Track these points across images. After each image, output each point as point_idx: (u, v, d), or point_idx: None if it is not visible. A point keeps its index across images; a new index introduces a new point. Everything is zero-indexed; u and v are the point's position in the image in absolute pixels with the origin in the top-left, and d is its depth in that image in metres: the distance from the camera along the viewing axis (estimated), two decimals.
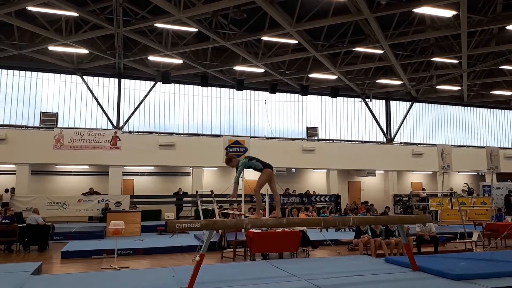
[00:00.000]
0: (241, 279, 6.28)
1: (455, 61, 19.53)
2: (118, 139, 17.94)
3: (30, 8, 13.82)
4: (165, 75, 19.12)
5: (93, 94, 19.24)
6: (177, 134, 20.25)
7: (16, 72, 18.51)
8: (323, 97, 22.65)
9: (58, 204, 16.92)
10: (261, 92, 21.83)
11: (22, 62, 18.26)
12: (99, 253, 10.33)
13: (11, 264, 8.61)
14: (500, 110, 26.83)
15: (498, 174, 21.09)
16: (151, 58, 18.30)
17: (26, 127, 18.40)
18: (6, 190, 16.45)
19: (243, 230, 10.16)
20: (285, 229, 9.39)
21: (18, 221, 12.17)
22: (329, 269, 6.96)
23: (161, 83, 19.70)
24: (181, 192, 19.28)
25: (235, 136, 19.51)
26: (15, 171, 17.51)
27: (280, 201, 6.52)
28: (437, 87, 22.77)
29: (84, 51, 17.47)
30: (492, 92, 23.97)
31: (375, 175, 23.33)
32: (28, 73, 18.69)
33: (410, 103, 24.38)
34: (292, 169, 22.03)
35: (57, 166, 18.98)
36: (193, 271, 5.70)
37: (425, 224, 10.39)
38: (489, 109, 26.53)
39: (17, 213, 13.84)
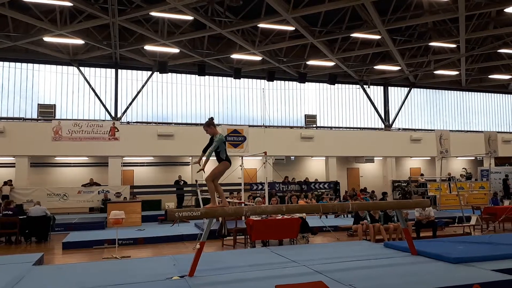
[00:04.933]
0: (242, 266, 6.34)
1: (453, 46, 19.45)
2: (116, 130, 17.90)
3: None
4: (162, 65, 19.03)
5: (90, 85, 19.16)
6: (175, 123, 20.21)
7: (12, 64, 18.39)
8: (321, 84, 22.58)
9: (58, 195, 17.00)
10: (258, 81, 21.75)
11: (18, 54, 18.15)
12: (100, 243, 10.39)
13: (13, 256, 8.66)
14: (498, 94, 26.79)
15: (496, 158, 21.16)
16: (148, 47, 18.16)
17: (24, 119, 18.34)
18: (5, 183, 16.49)
19: (243, 217, 10.24)
20: (285, 216, 9.45)
21: (19, 213, 12.22)
22: (329, 255, 7.03)
23: (158, 72, 19.60)
24: (181, 181, 19.30)
25: (234, 125, 19.43)
26: (14, 163, 17.52)
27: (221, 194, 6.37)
28: (435, 72, 22.71)
29: (80, 41, 17.35)
30: (490, 76, 23.94)
31: (373, 162, 23.38)
32: (24, 65, 18.56)
33: (408, 88, 24.34)
34: (291, 157, 22.07)
35: (56, 158, 18.97)
36: (193, 259, 5.76)
37: (425, 208, 10.45)
38: (487, 94, 26.49)
39: (18, 205, 13.90)
